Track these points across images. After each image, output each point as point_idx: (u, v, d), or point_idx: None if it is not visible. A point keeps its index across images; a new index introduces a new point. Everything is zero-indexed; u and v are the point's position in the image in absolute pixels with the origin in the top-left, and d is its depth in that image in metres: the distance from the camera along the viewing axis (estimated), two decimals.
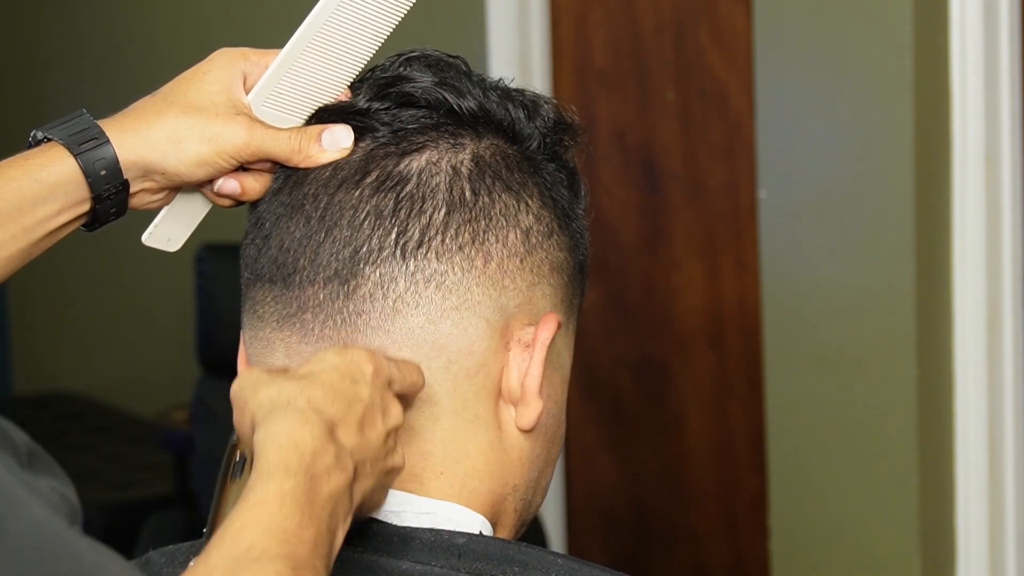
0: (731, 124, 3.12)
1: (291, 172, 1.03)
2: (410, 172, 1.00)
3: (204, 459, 3.72)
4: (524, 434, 1.02)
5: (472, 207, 1.00)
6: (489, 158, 1.02)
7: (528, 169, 1.04)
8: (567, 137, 1.08)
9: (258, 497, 0.85)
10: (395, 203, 0.99)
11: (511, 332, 1.01)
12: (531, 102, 1.06)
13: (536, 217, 1.03)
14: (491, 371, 1.01)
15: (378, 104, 1.02)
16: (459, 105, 1.02)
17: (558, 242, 1.04)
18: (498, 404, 1.02)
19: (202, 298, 3.99)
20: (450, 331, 0.99)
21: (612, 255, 3.37)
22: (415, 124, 1.02)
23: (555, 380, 1.04)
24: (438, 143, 1.01)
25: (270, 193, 1.04)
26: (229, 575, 0.81)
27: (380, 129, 1.02)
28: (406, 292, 0.99)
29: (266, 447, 0.88)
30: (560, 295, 1.04)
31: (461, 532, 0.98)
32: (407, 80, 1.03)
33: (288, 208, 1.02)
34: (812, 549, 2.93)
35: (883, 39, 2.72)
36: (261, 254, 1.03)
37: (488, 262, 1.00)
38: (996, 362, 2.75)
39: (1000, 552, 2.79)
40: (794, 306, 2.89)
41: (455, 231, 0.99)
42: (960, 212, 2.71)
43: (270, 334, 1.02)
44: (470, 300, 0.99)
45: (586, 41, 3.38)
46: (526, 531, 1.07)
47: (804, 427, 2.91)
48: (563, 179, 1.07)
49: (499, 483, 1.02)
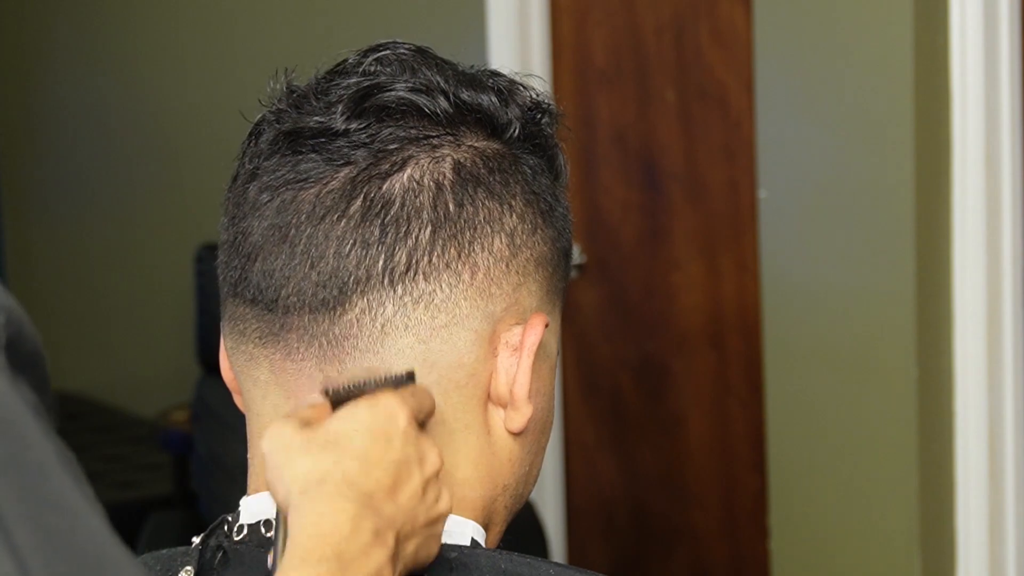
0: (731, 124, 3.12)
1: (279, 187, 1.02)
2: (393, 194, 0.99)
3: (204, 459, 3.72)
4: (513, 436, 1.02)
5: (456, 220, 0.99)
6: (470, 165, 1.01)
7: (509, 168, 1.03)
8: (546, 117, 1.07)
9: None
10: (381, 230, 0.98)
11: (498, 336, 1.00)
12: (506, 87, 1.05)
13: (520, 217, 1.02)
14: (480, 379, 1.00)
15: (356, 123, 1.00)
16: (434, 110, 1.01)
17: (542, 236, 1.03)
18: (487, 408, 1.01)
19: (202, 298, 3.99)
20: (440, 348, 0.98)
21: (612, 255, 3.37)
22: (395, 144, 1.00)
23: (543, 372, 1.04)
24: (418, 158, 1.00)
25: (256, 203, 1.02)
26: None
27: (361, 151, 1.01)
28: (395, 316, 0.98)
29: (299, 531, 0.87)
30: (546, 288, 1.03)
31: (453, 545, 0.98)
32: (381, 88, 1.01)
33: (273, 232, 1.00)
34: (812, 549, 2.93)
35: (883, 39, 2.72)
36: (242, 277, 1.01)
37: (475, 273, 0.99)
38: (996, 362, 2.75)
39: (1000, 552, 2.79)
40: (794, 306, 2.89)
41: (441, 248, 0.98)
42: (960, 212, 2.71)
43: (253, 350, 1.01)
44: (458, 315, 0.99)
45: (586, 41, 3.38)
46: (527, 534, 1.06)
47: (804, 427, 2.91)
48: (544, 167, 1.05)
49: (489, 487, 1.01)
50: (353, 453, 0.91)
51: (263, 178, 1.02)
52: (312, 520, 0.88)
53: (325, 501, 0.88)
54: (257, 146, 1.04)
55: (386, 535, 0.89)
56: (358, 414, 0.93)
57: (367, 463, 0.90)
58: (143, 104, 4.74)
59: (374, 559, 0.88)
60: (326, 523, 0.87)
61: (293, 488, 0.89)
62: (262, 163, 1.02)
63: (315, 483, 0.89)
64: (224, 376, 1.06)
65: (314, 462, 0.90)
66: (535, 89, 1.06)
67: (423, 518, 0.93)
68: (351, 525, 0.88)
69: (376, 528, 0.89)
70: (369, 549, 0.88)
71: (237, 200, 1.03)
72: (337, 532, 0.87)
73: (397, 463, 0.92)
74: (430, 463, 0.94)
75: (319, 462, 0.90)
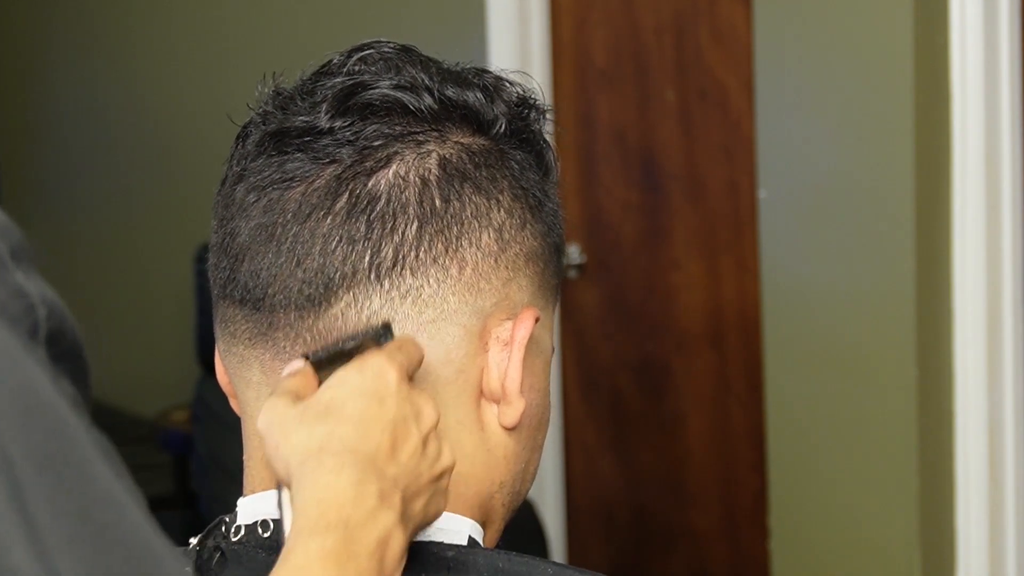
0: (731, 124, 3.12)
1: (266, 187, 1.02)
2: (379, 191, 0.99)
3: (204, 459, 3.72)
4: (508, 431, 1.02)
5: (443, 215, 0.99)
6: (456, 160, 1.01)
7: (496, 163, 1.02)
8: (533, 113, 1.07)
9: (299, 560, 0.84)
10: (367, 226, 0.98)
11: (489, 331, 1.00)
12: (492, 84, 1.04)
13: (508, 211, 1.02)
14: (470, 375, 1.00)
15: (340, 121, 1.00)
16: (419, 107, 1.01)
17: (532, 231, 1.03)
18: (479, 404, 1.01)
19: (202, 298, 3.99)
20: (427, 343, 0.98)
21: (612, 255, 3.37)
22: (380, 140, 1.00)
23: (536, 367, 1.03)
24: (404, 154, 1.00)
25: (243, 204, 1.02)
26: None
27: (346, 149, 1.01)
28: (381, 310, 0.98)
29: (304, 503, 0.87)
30: (537, 283, 1.03)
31: (450, 544, 0.97)
32: (365, 87, 1.01)
33: (259, 232, 1.00)
34: (812, 549, 2.93)
35: (883, 39, 2.72)
36: (230, 278, 1.01)
37: (463, 269, 0.99)
38: (996, 362, 2.75)
39: (1000, 552, 2.79)
40: (794, 306, 2.89)
41: (428, 244, 0.98)
42: (960, 212, 2.71)
43: (244, 351, 1.01)
44: (446, 310, 0.98)
45: (586, 41, 3.38)
46: (527, 534, 1.06)
47: (804, 427, 2.91)
48: (532, 162, 1.05)
49: (486, 484, 1.01)
50: (348, 418, 0.90)
51: (250, 179, 1.02)
52: (315, 491, 0.87)
53: (326, 470, 0.88)
54: (244, 148, 1.04)
55: (392, 497, 0.89)
56: (348, 378, 0.92)
57: (364, 426, 0.90)
58: (143, 104, 4.74)
59: (382, 522, 0.87)
60: (329, 492, 0.87)
61: (292, 461, 0.89)
62: (249, 164, 1.03)
63: (314, 453, 0.88)
64: (219, 380, 1.06)
65: (310, 432, 0.89)
66: (521, 85, 1.06)
67: (427, 474, 0.92)
68: (355, 491, 0.87)
69: (381, 491, 0.88)
70: (376, 513, 0.87)
71: (225, 202, 1.03)
72: (341, 499, 0.86)
73: (394, 422, 0.91)
74: (427, 417, 0.93)
75: (315, 432, 0.89)
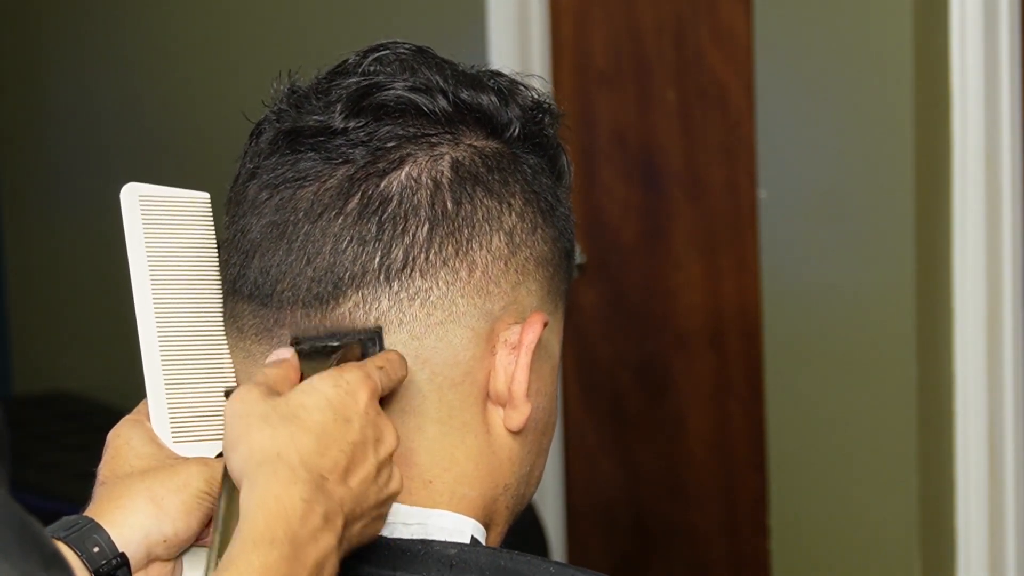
0: (731, 124, 3.12)
1: (278, 185, 1.02)
2: (391, 192, 0.99)
3: None
4: (513, 435, 1.02)
5: (454, 218, 0.99)
6: (468, 163, 1.00)
7: (508, 166, 1.02)
8: (547, 118, 1.07)
9: (241, 569, 0.85)
10: (378, 227, 0.98)
11: (497, 335, 1.00)
12: (507, 87, 1.04)
13: (519, 215, 1.02)
14: (477, 377, 1.00)
15: (354, 122, 1.00)
16: (433, 109, 1.01)
17: (543, 236, 1.03)
18: (486, 407, 1.01)
19: None
20: (434, 345, 0.98)
21: (612, 255, 3.37)
22: (393, 142, 1.00)
23: (544, 371, 1.03)
24: (416, 156, 1.00)
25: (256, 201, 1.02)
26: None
27: (359, 149, 1.01)
28: (389, 311, 0.98)
29: (253, 509, 0.87)
30: (546, 288, 1.03)
31: (452, 543, 0.98)
32: (380, 88, 1.01)
33: (271, 229, 1.00)
34: (812, 549, 2.93)
35: (883, 39, 2.72)
36: (240, 274, 1.02)
37: (473, 271, 0.99)
38: (996, 362, 2.75)
39: (1000, 552, 2.79)
40: (794, 306, 2.89)
41: (439, 246, 0.98)
42: (960, 212, 2.71)
43: (250, 346, 1.01)
44: (455, 312, 0.99)
45: (586, 41, 3.38)
46: (527, 534, 1.07)
47: (804, 427, 2.91)
48: (545, 166, 1.05)
49: (490, 485, 1.01)
50: (310, 429, 0.90)
51: (263, 176, 1.02)
52: (265, 499, 0.87)
53: (278, 480, 0.88)
54: (257, 145, 1.04)
55: (335, 520, 0.89)
56: (321, 388, 0.93)
57: (324, 441, 0.90)
58: (144, 104, 4.74)
59: (323, 543, 0.88)
60: (279, 504, 0.87)
61: (250, 459, 0.89)
62: (262, 162, 1.03)
63: (271, 458, 0.89)
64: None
65: (273, 434, 0.90)
66: (536, 89, 1.06)
67: (373, 500, 0.93)
68: (304, 508, 0.88)
69: (326, 512, 0.89)
70: (319, 533, 0.88)
71: (237, 199, 1.04)
72: (290, 513, 0.87)
73: (354, 444, 0.91)
74: (386, 445, 0.94)
75: (278, 434, 0.90)
